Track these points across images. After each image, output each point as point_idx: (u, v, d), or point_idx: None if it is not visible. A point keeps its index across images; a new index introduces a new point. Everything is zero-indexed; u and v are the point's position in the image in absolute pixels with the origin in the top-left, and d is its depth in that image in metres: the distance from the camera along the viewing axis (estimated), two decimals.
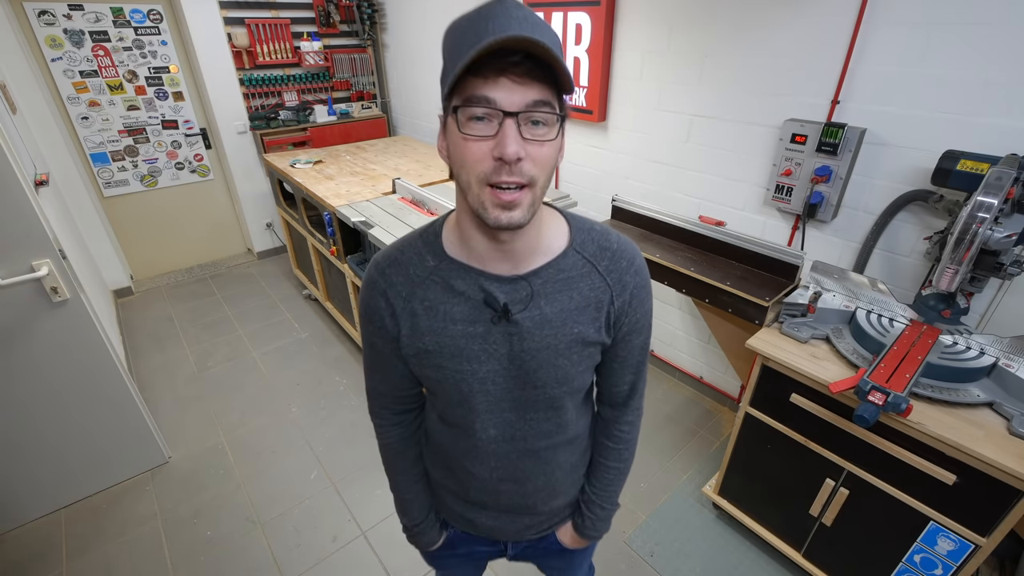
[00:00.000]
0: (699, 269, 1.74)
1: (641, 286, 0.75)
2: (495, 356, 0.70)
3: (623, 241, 0.74)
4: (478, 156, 0.57)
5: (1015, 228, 1.24)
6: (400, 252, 0.73)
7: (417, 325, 0.71)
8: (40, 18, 2.88)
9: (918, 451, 1.25)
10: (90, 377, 1.89)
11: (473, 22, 0.54)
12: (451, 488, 0.88)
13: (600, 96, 2.36)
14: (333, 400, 2.56)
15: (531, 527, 0.90)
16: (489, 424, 0.76)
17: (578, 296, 0.70)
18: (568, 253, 0.70)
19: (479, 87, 0.54)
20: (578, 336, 0.71)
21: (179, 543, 1.87)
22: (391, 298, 0.71)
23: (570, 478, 0.88)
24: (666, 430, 2.36)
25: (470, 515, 0.89)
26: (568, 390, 0.75)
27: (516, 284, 0.68)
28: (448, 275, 0.69)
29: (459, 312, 0.69)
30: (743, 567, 1.77)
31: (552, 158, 0.60)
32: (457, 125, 0.57)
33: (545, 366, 0.71)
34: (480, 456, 0.80)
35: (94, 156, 3.28)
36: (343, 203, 2.38)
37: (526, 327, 0.68)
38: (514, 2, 0.55)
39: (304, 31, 3.62)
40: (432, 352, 0.71)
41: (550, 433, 0.79)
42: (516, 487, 0.83)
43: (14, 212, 1.56)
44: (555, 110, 0.57)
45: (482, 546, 0.96)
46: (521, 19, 0.53)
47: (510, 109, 0.54)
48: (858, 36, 1.56)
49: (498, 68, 0.53)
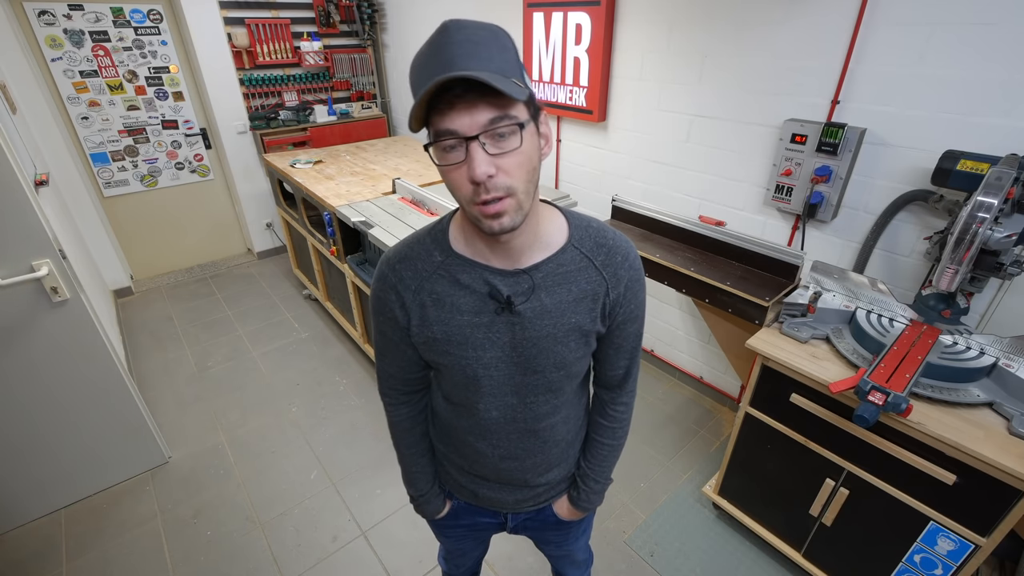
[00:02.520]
0: (699, 269, 1.74)
1: (635, 279, 0.80)
2: (498, 344, 0.76)
3: (619, 237, 0.79)
4: (458, 182, 0.63)
5: (1015, 228, 1.24)
6: (410, 248, 0.78)
7: (426, 316, 0.76)
8: (40, 18, 2.88)
9: (918, 451, 1.25)
10: (90, 377, 1.89)
11: (426, 57, 0.60)
12: (456, 462, 0.95)
13: (600, 96, 2.36)
14: (333, 400, 2.56)
15: (527, 499, 0.97)
16: (492, 406, 0.81)
17: (576, 289, 0.75)
18: (567, 249, 0.75)
19: (439, 121, 0.60)
20: (575, 326, 0.76)
21: (179, 543, 1.87)
22: (401, 292, 0.77)
23: (565, 452, 0.95)
24: (666, 430, 2.36)
25: (472, 487, 0.96)
26: (565, 375, 0.80)
27: (518, 277, 0.73)
28: (454, 269, 0.74)
29: (465, 303, 0.74)
30: (743, 567, 1.77)
31: (526, 163, 0.63)
32: (435, 158, 0.63)
33: (545, 353, 0.76)
34: (483, 434, 0.86)
35: (94, 156, 3.28)
36: (343, 203, 2.38)
37: (527, 317, 0.74)
38: (456, 25, 0.59)
39: (304, 31, 3.62)
40: (440, 340, 0.76)
41: (548, 414, 0.84)
42: (516, 463, 0.89)
43: (14, 212, 1.56)
44: (515, 119, 0.60)
45: (484, 517, 1.03)
46: (463, 42, 0.58)
47: (468, 134, 0.59)
48: (858, 36, 1.56)
49: (447, 102, 0.58)
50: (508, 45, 0.62)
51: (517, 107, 0.61)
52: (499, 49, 0.60)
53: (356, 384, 2.67)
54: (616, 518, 1.94)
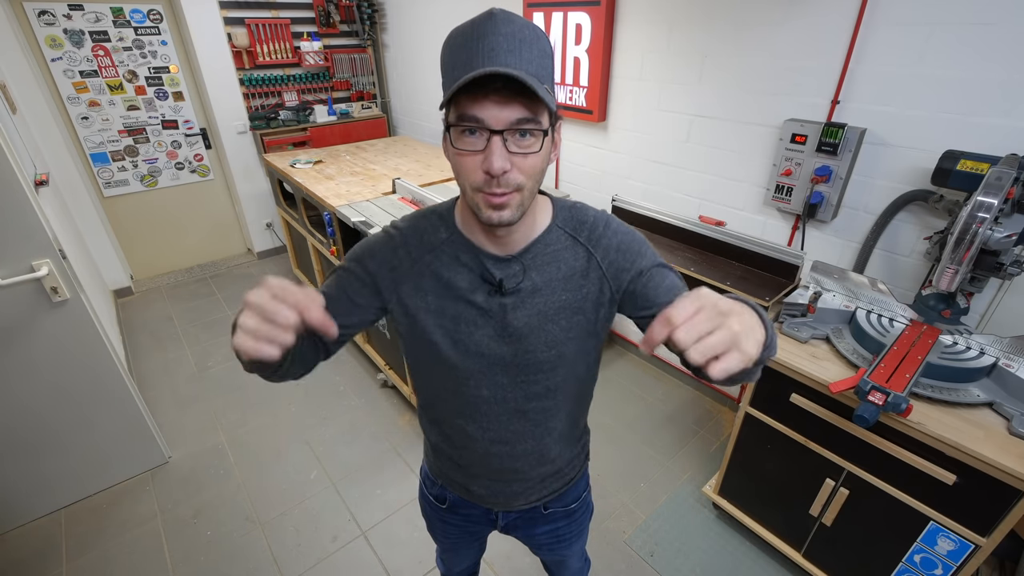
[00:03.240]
0: (699, 269, 1.74)
1: (626, 242, 0.77)
2: (491, 323, 0.77)
3: (599, 213, 0.81)
4: (470, 168, 0.63)
5: (1015, 228, 1.24)
6: (418, 220, 0.80)
7: (421, 286, 0.78)
8: (40, 18, 2.88)
9: (918, 451, 1.25)
10: (90, 377, 1.89)
11: (467, 38, 0.60)
12: (448, 453, 0.95)
13: (600, 96, 2.36)
14: (333, 400, 2.56)
15: (520, 495, 0.95)
16: (482, 385, 0.82)
17: (564, 267, 0.77)
18: (552, 229, 0.77)
19: (468, 106, 0.60)
20: (565, 303, 0.77)
21: (179, 543, 1.87)
22: (401, 256, 0.78)
23: (559, 446, 0.92)
24: (666, 430, 2.36)
25: (463, 480, 0.96)
26: (557, 355, 0.79)
27: (510, 263, 0.76)
28: (456, 247, 0.77)
29: (461, 280, 0.76)
30: (743, 567, 1.77)
31: (538, 167, 0.65)
32: (452, 140, 0.64)
33: (536, 331, 0.77)
34: (473, 415, 0.86)
35: (94, 156, 3.28)
36: (343, 203, 2.38)
37: (519, 297, 0.76)
38: (504, 16, 0.59)
39: (304, 31, 3.62)
40: (434, 312, 0.78)
41: (539, 396, 0.84)
42: (506, 449, 0.88)
43: (14, 212, 1.56)
44: (540, 125, 0.62)
45: (477, 510, 1.03)
46: (509, 36, 0.58)
47: (495, 127, 0.60)
48: (858, 36, 1.56)
49: (483, 91, 0.59)
50: (549, 51, 0.63)
51: (544, 113, 0.62)
52: (540, 53, 0.61)
53: (356, 384, 2.67)
54: (616, 518, 1.94)
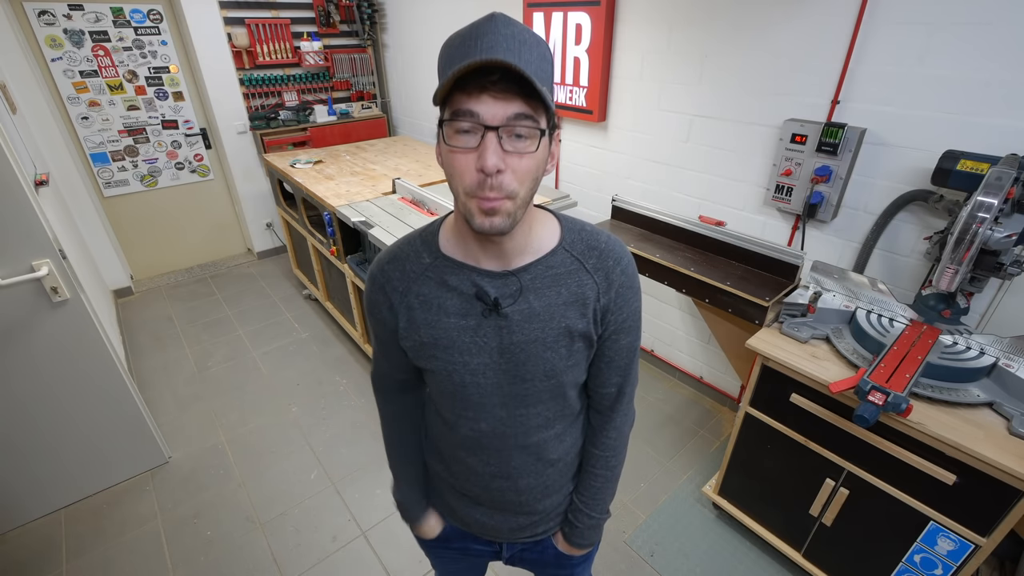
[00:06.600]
0: (699, 269, 1.74)
1: (628, 285, 0.76)
2: (486, 349, 0.73)
3: (612, 240, 0.77)
4: (463, 168, 0.61)
5: (1015, 228, 1.24)
6: (399, 249, 0.77)
7: (413, 318, 0.75)
8: (40, 18, 2.88)
9: (918, 451, 1.25)
10: (90, 377, 1.89)
11: (464, 39, 0.58)
12: (447, 480, 0.91)
13: (600, 96, 2.36)
14: (333, 400, 2.56)
15: (525, 528, 0.91)
16: (481, 417, 0.79)
17: (566, 292, 0.73)
18: (557, 251, 0.74)
19: (464, 101, 0.58)
20: (565, 329, 0.73)
21: (179, 543, 1.87)
22: (389, 293, 0.76)
23: (564, 477, 0.89)
24: (666, 430, 2.36)
25: (463, 511, 0.92)
26: (556, 384, 0.77)
27: (506, 279, 0.71)
28: (442, 271, 0.73)
29: (452, 306, 0.73)
30: (743, 567, 1.77)
31: (533, 170, 0.63)
32: (445, 137, 0.61)
33: (533, 359, 0.73)
34: (473, 448, 0.82)
35: (94, 156, 3.28)
36: (343, 203, 2.38)
37: (515, 320, 0.72)
38: (504, 19, 0.58)
39: (304, 31, 3.62)
40: (427, 344, 0.75)
41: (540, 428, 0.80)
42: (508, 483, 0.84)
43: (14, 212, 1.56)
44: (537, 124, 0.60)
45: (477, 544, 0.97)
46: (509, 36, 0.57)
47: (491, 123, 0.58)
48: (858, 36, 1.56)
49: (480, 85, 0.57)
50: (549, 57, 0.62)
51: (542, 114, 0.61)
52: (540, 57, 0.60)
53: (356, 384, 2.67)
54: (616, 518, 1.94)
